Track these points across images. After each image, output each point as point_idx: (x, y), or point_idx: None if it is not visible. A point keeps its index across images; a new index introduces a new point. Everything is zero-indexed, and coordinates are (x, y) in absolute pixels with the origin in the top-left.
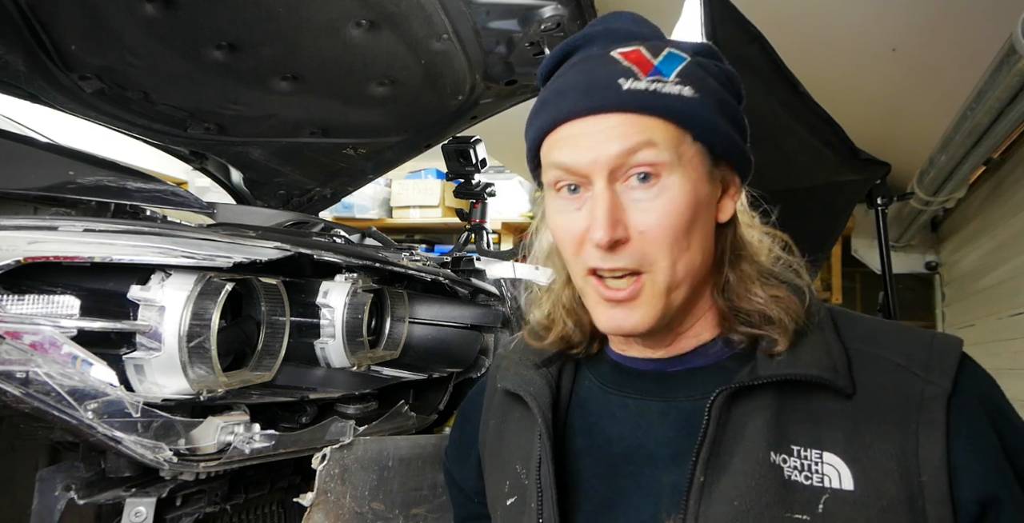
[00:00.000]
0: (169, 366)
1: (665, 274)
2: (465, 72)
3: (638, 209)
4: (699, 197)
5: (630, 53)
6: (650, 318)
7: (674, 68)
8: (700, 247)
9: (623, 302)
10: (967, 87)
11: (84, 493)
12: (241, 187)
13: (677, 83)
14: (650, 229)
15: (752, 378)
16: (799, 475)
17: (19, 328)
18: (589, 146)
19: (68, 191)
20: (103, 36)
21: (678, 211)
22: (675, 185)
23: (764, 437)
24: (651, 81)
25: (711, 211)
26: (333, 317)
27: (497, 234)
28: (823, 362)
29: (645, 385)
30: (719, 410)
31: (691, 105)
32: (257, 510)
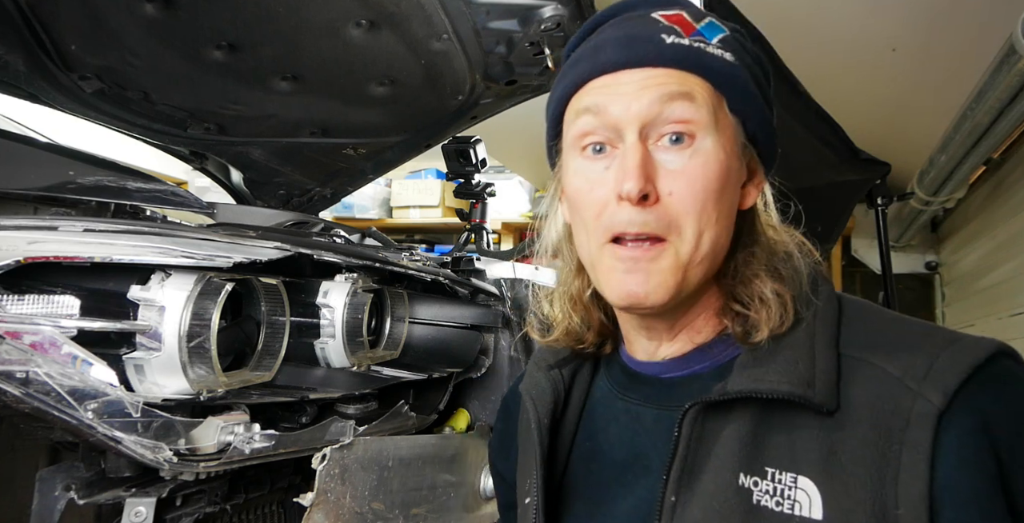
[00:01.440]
0: (169, 366)
1: (690, 245)
2: (465, 72)
3: (670, 171)
4: (731, 169)
5: (672, 15)
6: (665, 288)
7: (716, 35)
8: (725, 224)
9: (639, 262)
10: (967, 87)
11: (84, 493)
12: (241, 187)
13: (719, 47)
14: (680, 191)
15: (720, 393)
16: (770, 500)
17: (19, 328)
18: (624, 95)
19: (68, 191)
20: (103, 36)
21: (710, 176)
22: (710, 149)
23: (736, 456)
24: (694, 40)
25: (737, 191)
26: (333, 317)
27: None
28: (798, 375)
29: (647, 391)
30: (691, 425)
31: (732, 69)
32: (257, 510)
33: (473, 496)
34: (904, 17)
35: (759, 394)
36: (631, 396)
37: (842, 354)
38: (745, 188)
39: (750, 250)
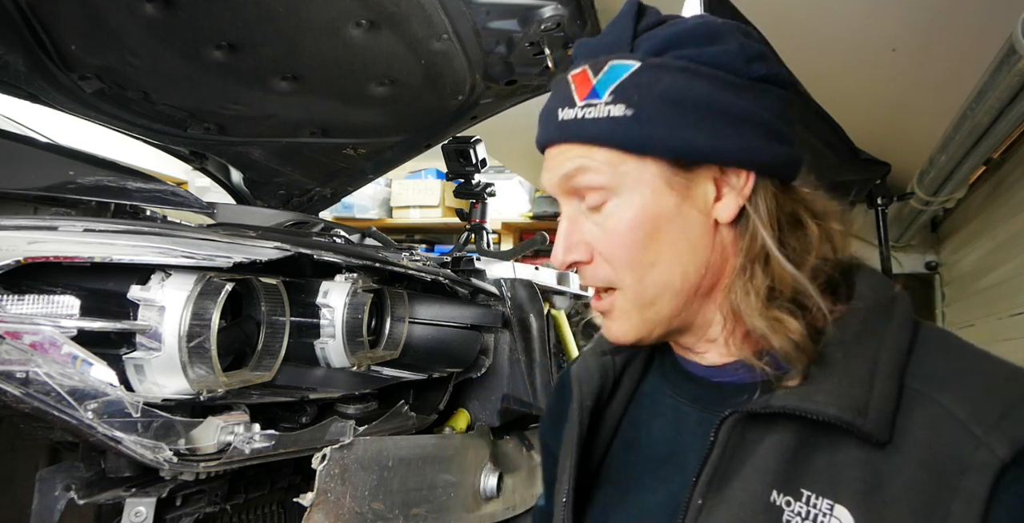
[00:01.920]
0: (169, 366)
1: (631, 292)
2: (465, 72)
3: (593, 235)
4: (655, 212)
5: (577, 75)
6: (629, 331)
7: (610, 84)
8: (673, 261)
9: (604, 314)
10: (967, 87)
11: (84, 493)
12: (241, 187)
13: (608, 103)
14: (604, 251)
15: (762, 406)
16: (800, 522)
17: (19, 328)
18: (546, 173)
19: (68, 191)
20: (103, 36)
21: (622, 232)
22: (618, 208)
23: (771, 472)
24: (582, 107)
25: (687, 220)
26: (333, 317)
27: (497, 234)
28: (850, 399)
29: (695, 390)
30: (728, 432)
31: (618, 125)
32: (257, 510)
33: (473, 496)
34: (904, 17)
35: (803, 413)
36: (680, 394)
37: (906, 385)
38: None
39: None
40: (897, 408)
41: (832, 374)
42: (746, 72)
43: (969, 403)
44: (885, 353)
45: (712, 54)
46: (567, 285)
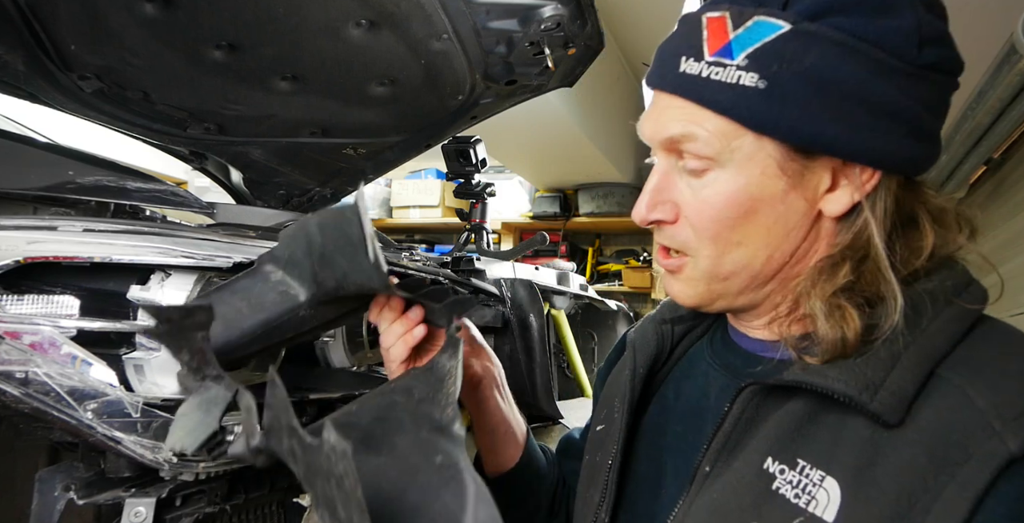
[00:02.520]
0: (169, 366)
1: (706, 263)
2: (465, 72)
3: (684, 197)
4: (757, 195)
5: (715, 19)
6: (692, 297)
7: (749, 46)
8: (762, 244)
9: (670, 274)
10: (967, 87)
11: (83, 493)
12: (241, 187)
13: (740, 68)
14: (690, 218)
15: (776, 378)
16: (790, 490)
17: (19, 328)
18: (649, 124)
19: (68, 191)
20: (103, 36)
21: (720, 207)
22: (721, 181)
23: (770, 440)
24: (710, 64)
25: (790, 208)
26: None
27: (497, 234)
28: (862, 378)
29: (731, 358)
30: (743, 404)
31: (746, 98)
32: (257, 510)
33: None
34: None
35: (812, 386)
36: (715, 360)
37: (937, 374)
38: (831, 192)
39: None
40: (919, 393)
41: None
42: (915, 58)
43: (993, 395)
44: (921, 340)
45: (880, 30)
46: (567, 285)
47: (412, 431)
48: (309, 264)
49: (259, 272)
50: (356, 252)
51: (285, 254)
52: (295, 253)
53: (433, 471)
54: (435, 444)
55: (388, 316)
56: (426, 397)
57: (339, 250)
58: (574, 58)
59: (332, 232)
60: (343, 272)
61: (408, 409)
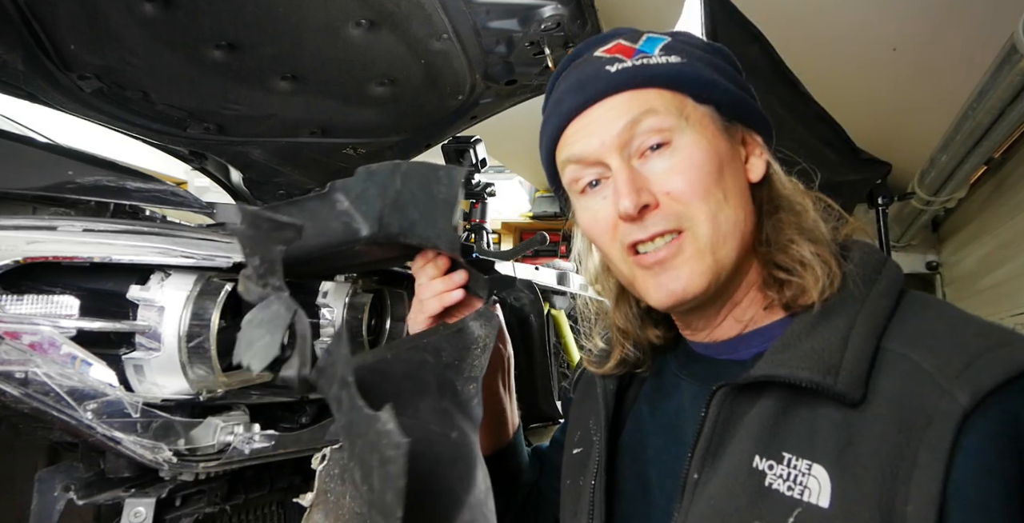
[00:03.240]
0: (169, 366)
1: (707, 227)
2: (465, 72)
3: (660, 174)
4: (719, 151)
5: (611, 47)
6: (699, 276)
7: (656, 45)
8: (738, 202)
9: (665, 263)
10: (968, 86)
11: (83, 493)
12: (241, 187)
13: (662, 55)
14: (675, 188)
15: (744, 377)
16: (782, 484)
17: (18, 328)
18: (595, 131)
19: (67, 191)
20: (102, 36)
21: (699, 164)
22: (689, 143)
23: (753, 439)
24: (636, 59)
25: (738, 168)
26: (333, 317)
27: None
28: (822, 362)
29: (696, 368)
30: (718, 406)
31: (681, 69)
32: (257, 510)
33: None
34: (905, 17)
35: (778, 378)
36: (684, 372)
37: (882, 347)
38: (748, 162)
39: (776, 217)
40: (871, 369)
41: (809, 339)
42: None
43: (937, 358)
44: (862, 317)
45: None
46: (567, 285)
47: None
48: (380, 205)
49: (329, 198)
50: (435, 209)
51: (358, 188)
52: (368, 190)
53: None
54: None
55: (431, 272)
56: (452, 363)
57: (416, 202)
58: None
59: (416, 184)
60: (412, 222)
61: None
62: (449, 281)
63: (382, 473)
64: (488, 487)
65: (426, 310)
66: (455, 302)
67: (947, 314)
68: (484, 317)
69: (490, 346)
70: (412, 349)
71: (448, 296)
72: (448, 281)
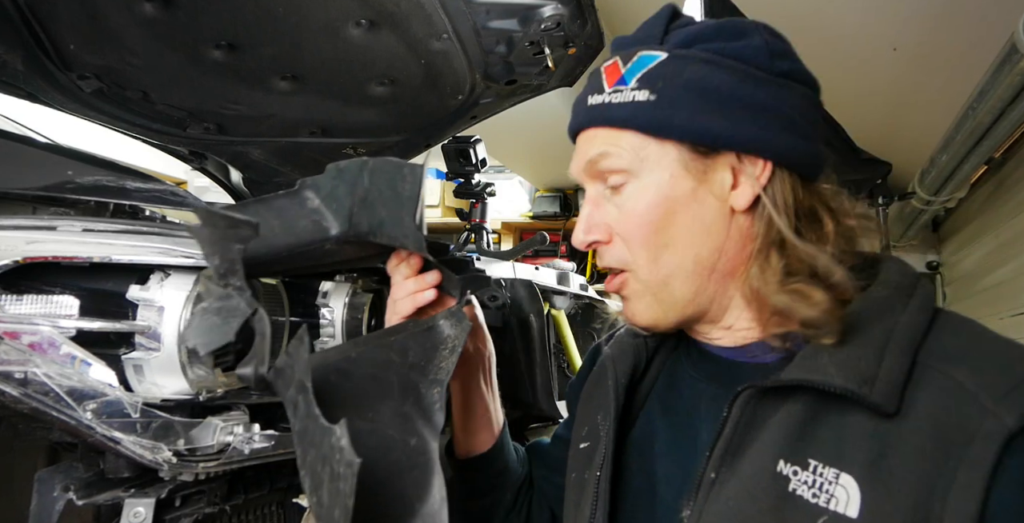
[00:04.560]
0: (168, 366)
1: (644, 272)
2: (465, 72)
3: (613, 215)
4: (671, 195)
5: (609, 66)
6: (644, 312)
7: (637, 72)
8: (687, 245)
9: (619, 292)
10: (968, 86)
11: (83, 494)
12: (241, 187)
13: (634, 89)
14: (621, 232)
15: (774, 380)
16: (807, 491)
17: (18, 328)
18: (576, 157)
19: (67, 191)
20: (102, 35)
21: (641, 213)
22: (638, 189)
23: (778, 443)
24: (610, 93)
25: (703, 206)
26: (332, 317)
27: (497, 234)
28: (858, 371)
29: (712, 369)
30: (741, 408)
31: (641, 110)
32: (256, 511)
33: None
34: (905, 16)
35: (812, 384)
36: (698, 371)
37: (919, 362)
38: (736, 188)
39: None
40: (908, 381)
41: (844, 348)
42: (770, 67)
43: (980, 376)
44: (900, 329)
45: (737, 48)
46: (567, 285)
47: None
48: (349, 203)
49: (298, 196)
50: (402, 207)
51: (328, 186)
52: (338, 188)
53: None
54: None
55: (404, 272)
56: (418, 364)
57: (383, 201)
58: (574, 58)
59: (382, 182)
60: (380, 221)
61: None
62: (421, 281)
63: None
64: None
65: (399, 311)
66: (428, 302)
67: (985, 335)
68: (455, 317)
69: (459, 348)
70: (378, 348)
71: (420, 296)
72: (420, 281)
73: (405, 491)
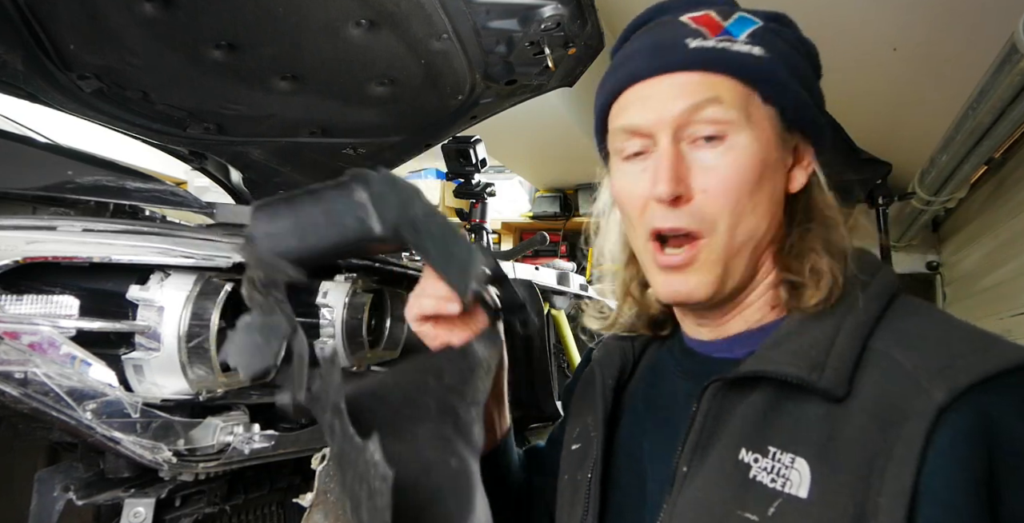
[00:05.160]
0: (168, 366)
1: (724, 238)
2: (465, 72)
3: (703, 168)
4: (768, 159)
5: (700, 17)
6: (706, 285)
7: (744, 29)
8: (765, 212)
9: (678, 268)
10: (968, 86)
11: (83, 494)
12: (241, 187)
13: (747, 43)
14: (713, 187)
15: (734, 372)
16: (766, 476)
17: (18, 328)
18: (654, 105)
19: (67, 191)
20: (102, 35)
21: (743, 170)
22: (742, 144)
23: (741, 433)
24: (719, 40)
25: (780, 177)
26: (332, 317)
27: (497, 234)
28: (808, 359)
29: (691, 365)
30: (709, 402)
31: (760, 64)
32: (256, 511)
33: None
34: (905, 17)
35: (765, 374)
36: (678, 368)
37: (869, 347)
38: (792, 172)
39: (806, 227)
40: (857, 366)
41: (798, 338)
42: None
43: (920, 357)
44: (851, 318)
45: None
46: (567, 285)
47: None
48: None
49: (347, 189)
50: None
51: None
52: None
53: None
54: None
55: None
56: (455, 386)
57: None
58: (574, 58)
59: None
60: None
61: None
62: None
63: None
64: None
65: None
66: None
67: (935, 318)
68: (489, 340)
69: (493, 368)
70: (414, 370)
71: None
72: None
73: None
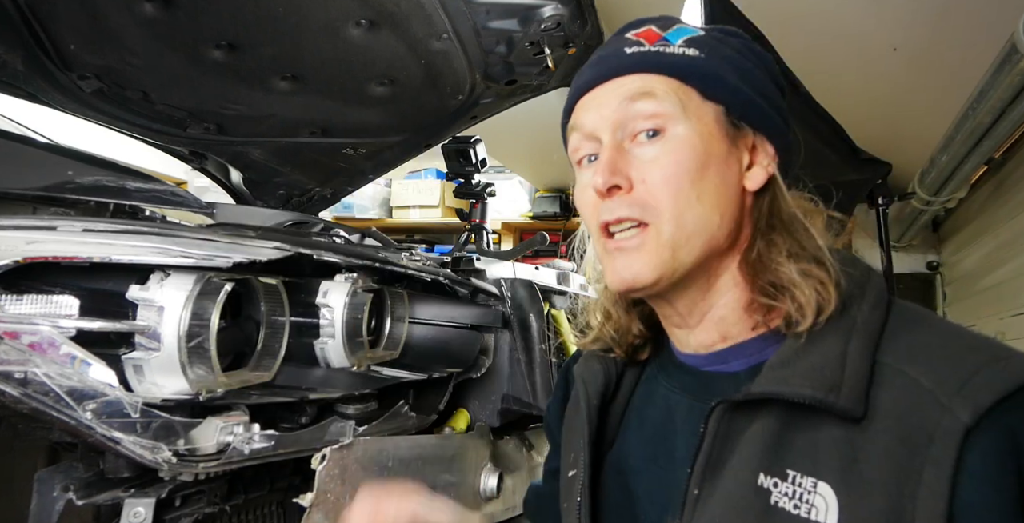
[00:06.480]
0: (168, 366)
1: (670, 225)
2: (465, 72)
3: (644, 161)
4: (711, 151)
5: (641, 31)
6: (651, 267)
7: (681, 36)
8: (714, 204)
9: (625, 251)
10: (968, 86)
11: (83, 494)
12: (241, 187)
13: (682, 46)
14: (651, 177)
15: (744, 394)
16: (788, 502)
17: (18, 328)
18: (595, 107)
19: (67, 191)
20: (102, 36)
21: (682, 160)
22: (681, 135)
23: (757, 457)
24: (656, 46)
25: (731, 172)
26: (333, 317)
27: (497, 234)
28: (823, 379)
29: (685, 380)
30: (717, 422)
31: (693, 62)
32: (256, 511)
33: (473, 496)
34: (905, 17)
35: (781, 396)
36: (672, 383)
37: (879, 362)
38: (751, 170)
39: (769, 237)
40: (870, 384)
41: (808, 356)
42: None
43: (936, 374)
44: (857, 332)
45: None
46: (567, 285)
47: None
48: None
49: None
50: None
51: None
52: None
53: None
54: None
55: None
56: None
57: None
58: (574, 58)
59: None
60: None
61: None
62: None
63: None
64: None
65: None
66: None
67: (939, 327)
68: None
69: None
70: None
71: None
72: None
73: None
